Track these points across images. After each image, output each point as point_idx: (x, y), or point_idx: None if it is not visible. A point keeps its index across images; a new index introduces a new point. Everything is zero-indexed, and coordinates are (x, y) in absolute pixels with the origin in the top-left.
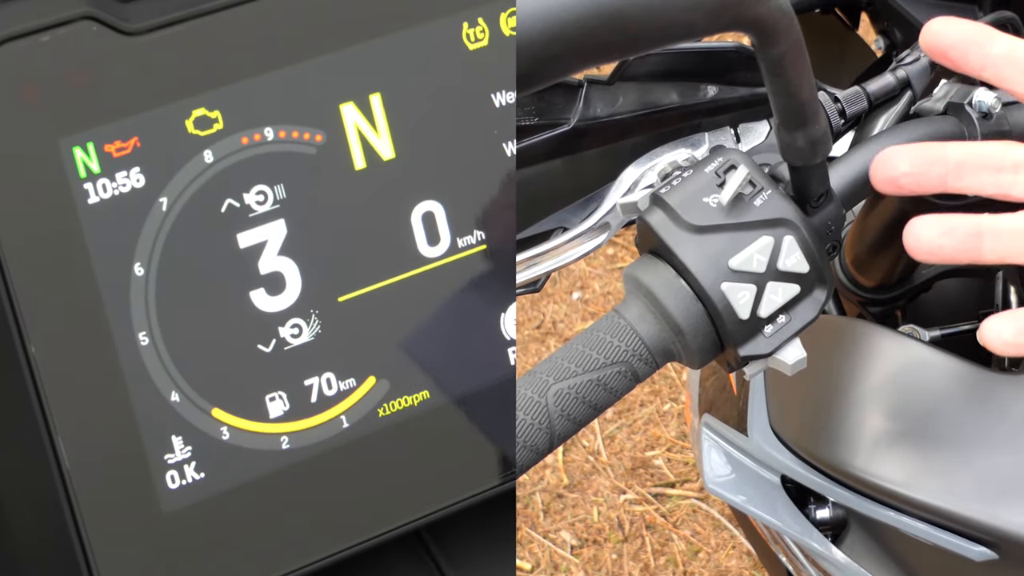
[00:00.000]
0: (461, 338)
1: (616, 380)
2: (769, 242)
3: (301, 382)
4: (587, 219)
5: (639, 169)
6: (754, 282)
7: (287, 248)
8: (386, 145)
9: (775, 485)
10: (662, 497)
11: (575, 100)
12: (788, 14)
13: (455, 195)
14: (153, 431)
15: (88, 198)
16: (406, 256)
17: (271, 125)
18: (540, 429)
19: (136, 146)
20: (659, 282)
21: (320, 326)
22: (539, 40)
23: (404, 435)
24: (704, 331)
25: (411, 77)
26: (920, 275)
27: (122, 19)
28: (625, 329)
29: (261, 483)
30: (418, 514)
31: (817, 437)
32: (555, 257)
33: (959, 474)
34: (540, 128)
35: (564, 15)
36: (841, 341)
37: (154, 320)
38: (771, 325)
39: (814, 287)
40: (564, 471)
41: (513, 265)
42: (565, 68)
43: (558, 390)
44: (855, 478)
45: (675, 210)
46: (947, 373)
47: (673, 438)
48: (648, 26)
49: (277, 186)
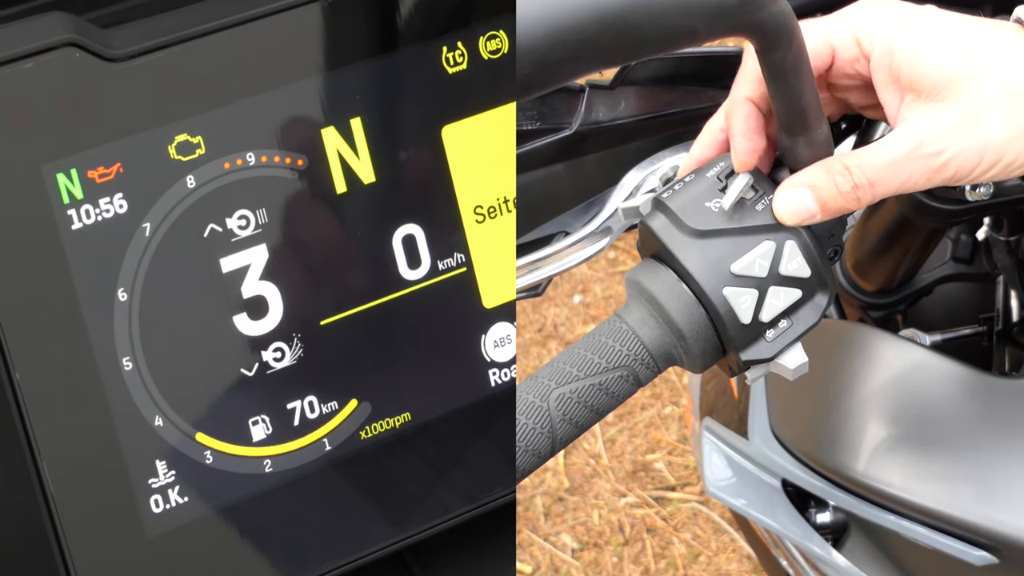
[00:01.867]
0: (442, 360)
1: (618, 384)
2: (771, 247)
3: (284, 405)
4: (589, 223)
5: (641, 173)
6: (756, 287)
7: (269, 272)
8: (367, 169)
9: (776, 489)
10: (663, 500)
11: (577, 105)
12: (790, 18)
13: (435, 218)
14: (137, 456)
15: (71, 224)
16: (387, 279)
17: (253, 150)
18: (542, 433)
19: (119, 172)
20: (661, 286)
21: (302, 350)
22: (541, 45)
23: (386, 457)
24: (706, 335)
25: (391, 101)
26: (921, 279)
27: (105, 46)
28: (627, 333)
29: (244, 506)
30: (401, 535)
31: (818, 441)
32: (557, 261)
33: (959, 478)
34: (542, 132)
35: (566, 20)
36: (842, 345)
37: (137, 345)
38: (773, 330)
39: (816, 292)
40: (565, 474)
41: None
42: (567, 73)
43: (560, 394)
44: (856, 482)
45: (677, 215)
46: (948, 377)
47: (674, 441)
48: (650, 31)
49: (259, 210)
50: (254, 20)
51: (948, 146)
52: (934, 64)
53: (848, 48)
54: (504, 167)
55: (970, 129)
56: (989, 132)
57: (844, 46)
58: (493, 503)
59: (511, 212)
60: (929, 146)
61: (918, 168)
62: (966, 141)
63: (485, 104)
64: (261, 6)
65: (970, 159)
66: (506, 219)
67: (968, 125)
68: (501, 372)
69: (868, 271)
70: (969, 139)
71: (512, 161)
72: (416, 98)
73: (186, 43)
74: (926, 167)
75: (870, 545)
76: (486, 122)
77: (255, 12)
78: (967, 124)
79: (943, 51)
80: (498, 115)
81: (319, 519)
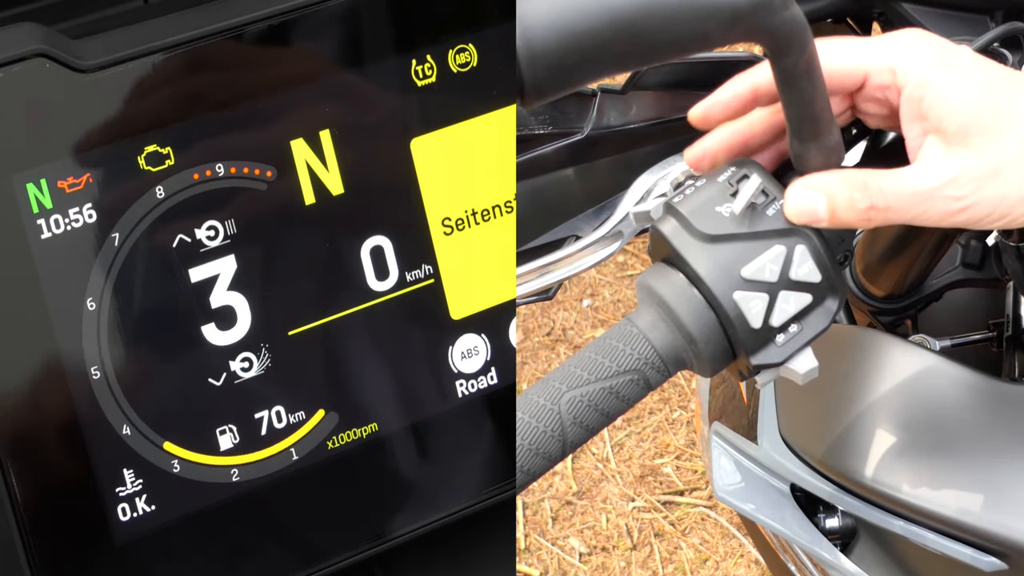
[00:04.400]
0: (409, 371)
1: (628, 388)
2: (781, 251)
3: (251, 415)
4: (600, 227)
5: (652, 178)
6: (766, 291)
7: (238, 283)
8: (335, 181)
9: (784, 493)
10: (671, 505)
11: (589, 109)
12: (802, 25)
13: (403, 230)
14: (105, 464)
15: (41, 233)
16: (355, 290)
17: (222, 161)
18: (553, 436)
19: (88, 182)
20: (672, 291)
21: (270, 360)
22: (555, 51)
23: (353, 467)
24: (716, 340)
25: (360, 114)
26: (930, 285)
27: (75, 57)
28: (638, 337)
29: (211, 515)
30: (369, 544)
31: (827, 446)
32: (568, 265)
33: (968, 484)
34: (553, 137)
35: (580, 26)
36: (851, 350)
37: (106, 354)
38: (783, 334)
39: (826, 297)
40: (573, 478)
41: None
42: (581, 78)
43: (571, 398)
44: (864, 487)
45: (688, 219)
46: (957, 383)
47: (682, 446)
48: (663, 37)
49: (228, 221)
50: (224, 33)
51: (971, 193)
52: (965, 110)
53: (882, 75)
54: (473, 179)
55: (992, 181)
56: (1007, 188)
57: (878, 72)
58: (459, 513)
59: (479, 224)
60: (954, 189)
61: (937, 206)
62: (986, 192)
63: (454, 117)
64: (233, 18)
65: (985, 209)
66: (474, 231)
67: (991, 177)
68: (468, 383)
69: (878, 276)
70: (989, 191)
71: (486, 173)
72: (385, 111)
73: (155, 55)
74: (944, 208)
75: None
76: (456, 135)
77: (225, 25)
78: (991, 176)
79: (974, 98)
80: (470, 127)
81: (286, 528)
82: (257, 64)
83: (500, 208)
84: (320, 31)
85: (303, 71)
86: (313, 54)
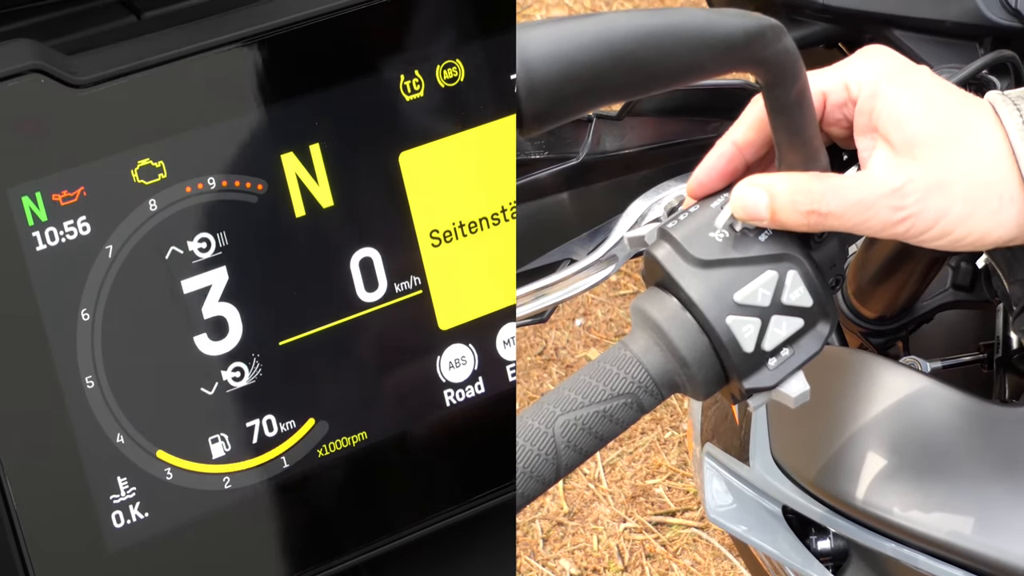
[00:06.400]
0: (398, 380)
1: (622, 411)
2: (774, 276)
3: (243, 424)
4: (594, 251)
5: (646, 203)
6: (759, 315)
7: (229, 294)
8: (325, 194)
9: (776, 515)
10: (662, 526)
11: (584, 134)
12: (794, 56)
13: (392, 242)
14: (99, 472)
15: (36, 245)
16: (345, 301)
17: (214, 174)
18: (547, 459)
19: (83, 195)
20: (665, 315)
21: (261, 369)
22: (555, 81)
23: (343, 474)
24: (709, 363)
25: (350, 128)
26: (921, 306)
27: (69, 72)
28: (631, 361)
29: (204, 521)
30: (358, 551)
31: (818, 468)
32: (562, 288)
33: (959, 506)
34: (550, 161)
35: (579, 57)
36: (843, 372)
37: (100, 364)
38: (775, 358)
39: (818, 321)
40: (564, 499)
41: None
42: (579, 108)
43: (565, 421)
44: (856, 509)
45: (681, 244)
46: (948, 405)
47: (674, 466)
48: (660, 67)
49: (220, 233)
50: (216, 48)
51: (912, 204)
52: (914, 121)
53: (838, 93)
54: (461, 192)
55: (935, 195)
56: (949, 203)
57: (834, 91)
58: (447, 519)
59: (467, 236)
60: (896, 199)
61: (879, 215)
62: (928, 204)
63: (442, 131)
64: (224, 33)
65: (926, 222)
66: (463, 243)
67: (935, 190)
68: (456, 392)
69: (869, 298)
70: (931, 204)
71: (473, 186)
72: (374, 125)
73: (149, 70)
74: (886, 217)
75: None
76: (443, 148)
77: (218, 40)
78: (934, 189)
79: (923, 112)
80: (457, 141)
81: (277, 534)
82: (249, 79)
83: (488, 220)
84: (311, 47)
85: (293, 86)
86: (303, 69)
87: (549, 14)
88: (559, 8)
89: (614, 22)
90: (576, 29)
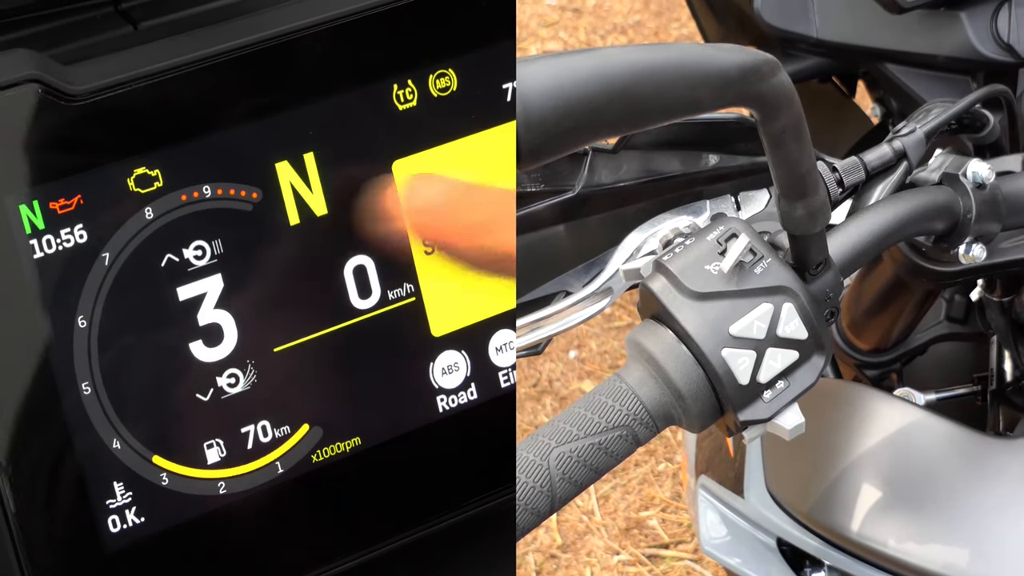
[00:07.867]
0: (391, 386)
1: (617, 444)
2: (769, 309)
3: (238, 430)
4: (590, 284)
5: (642, 235)
6: (754, 348)
7: (224, 301)
8: (319, 202)
9: (771, 548)
10: (656, 558)
11: (580, 167)
12: (789, 90)
13: (385, 250)
14: (95, 477)
15: (33, 253)
16: (339, 308)
17: (209, 183)
18: (542, 492)
19: (79, 203)
20: (660, 347)
21: (256, 376)
22: (551, 116)
23: (337, 479)
24: (704, 396)
25: (343, 137)
26: (915, 339)
27: (66, 82)
28: (626, 393)
29: (199, 526)
30: (352, 555)
31: (813, 500)
32: (558, 321)
33: (954, 538)
34: (545, 194)
35: (575, 92)
36: (837, 404)
37: (96, 370)
38: (770, 391)
39: (812, 353)
40: (558, 531)
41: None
42: (576, 142)
43: (560, 453)
44: (851, 542)
45: (677, 277)
46: (942, 437)
47: (668, 498)
48: (656, 103)
49: (215, 241)
50: (212, 58)
51: None
52: None
53: None
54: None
55: None
56: None
57: None
58: (440, 524)
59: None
60: None
61: None
62: None
63: (435, 140)
64: (221, 43)
65: None
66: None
67: None
68: (449, 398)
69: (864, 330)
70: None
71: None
72: (367, 134)
73: (144, 80)
74: None
75: None
76: (436, 157)
77: (213, 50)
78: None
79: None
80: (450, 150)
81: (271, 539)
82: (243, 89)
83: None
84: (306, 56)
85: (288, 95)
86: (298, 79)
87: (544, 48)
88: (554, 42)
89: (611, 57)
90: (573, 64)
